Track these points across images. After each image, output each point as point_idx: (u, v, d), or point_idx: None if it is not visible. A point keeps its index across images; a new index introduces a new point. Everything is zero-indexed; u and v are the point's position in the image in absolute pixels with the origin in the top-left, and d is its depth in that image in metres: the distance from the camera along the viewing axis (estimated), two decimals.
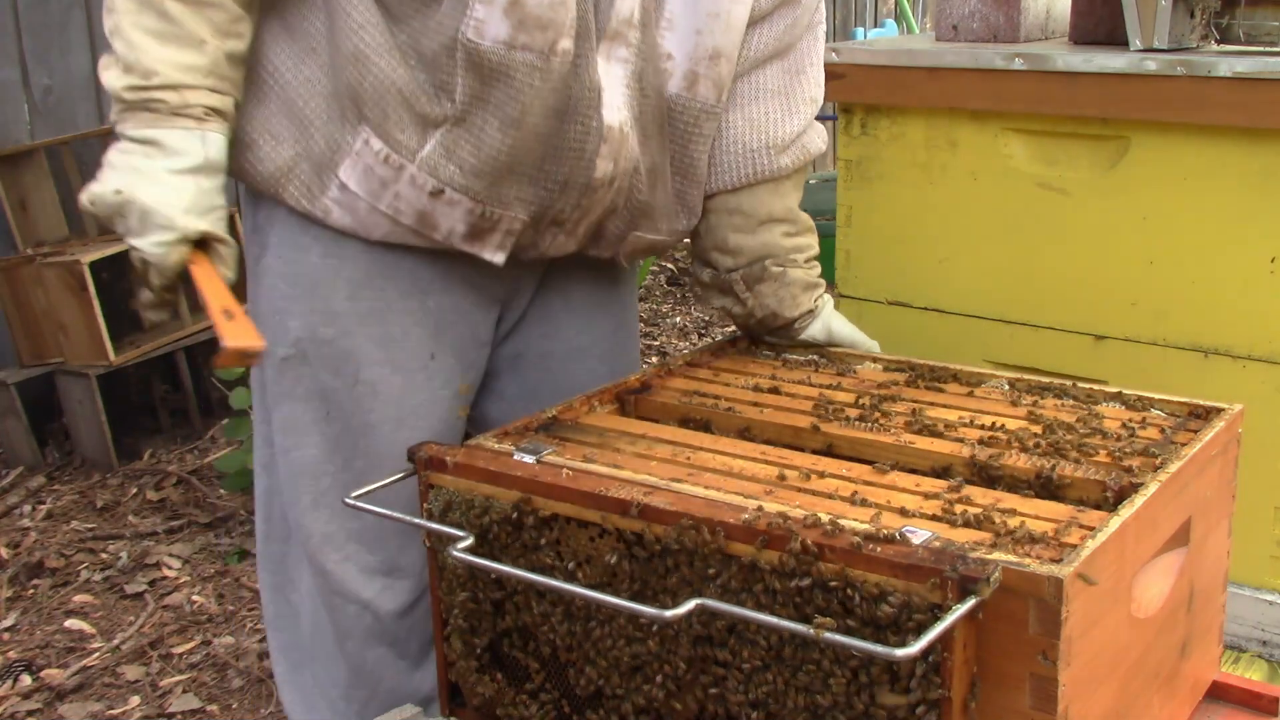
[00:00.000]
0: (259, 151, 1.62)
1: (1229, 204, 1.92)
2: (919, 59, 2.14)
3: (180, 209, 1.50)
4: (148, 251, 1.51)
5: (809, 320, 1.85)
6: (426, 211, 1.59)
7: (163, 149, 1.51)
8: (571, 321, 1.86)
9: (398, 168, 1.57)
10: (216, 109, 1.54)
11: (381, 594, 1.75)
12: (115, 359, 3.64)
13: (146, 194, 1.50)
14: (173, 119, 1.51)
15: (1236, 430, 1.51)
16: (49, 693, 2.52)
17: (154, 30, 1.50)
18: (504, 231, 1.63)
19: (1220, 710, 1.54)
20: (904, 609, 1.11)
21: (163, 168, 1.51)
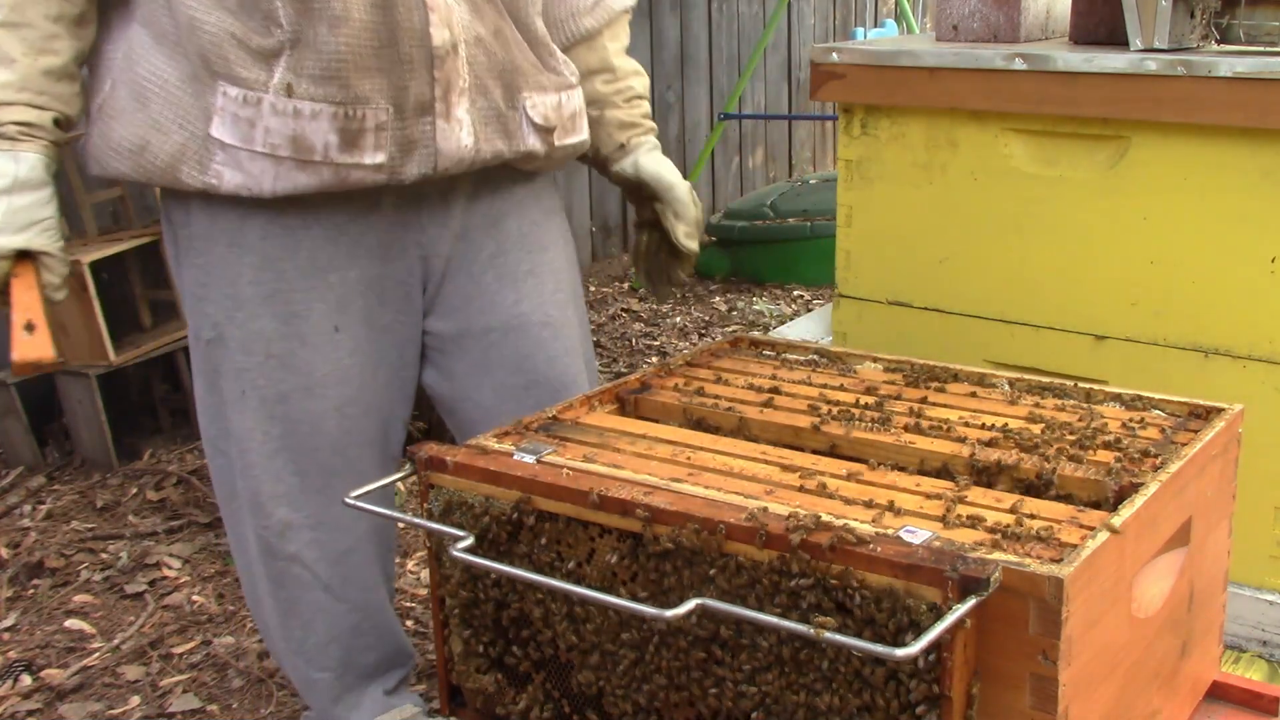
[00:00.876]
0: (152, 149, 1.70)
1: (1229, 204, 1.92)
2: (919, 59, 2.14)
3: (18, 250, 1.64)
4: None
5: (621, 155, 2.02)
6: (297, 135, 1.65)
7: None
8: (505, 293, 1.89)
9: (256, 103, 1.64)
10: (31, 123, 1.64)
11: (309, 546, 1.86)
12: (115, 359, 3.64)
13: None
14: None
15: (1236, 430, 1.51)
16: (49, 693, 2.52)
17: None
18: (374, 129, 1.67)
19: (1220, 710, 1.54)
20: (904, 609, 1.11)
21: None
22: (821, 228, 5.48)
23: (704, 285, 5.80)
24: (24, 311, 1.66)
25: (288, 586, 1.89)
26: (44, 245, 1.67)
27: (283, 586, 1.89)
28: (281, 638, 1.94)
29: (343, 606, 1.91)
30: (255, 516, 1.85)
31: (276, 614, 1.92)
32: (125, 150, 1.71)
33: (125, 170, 1.72)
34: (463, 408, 1.92)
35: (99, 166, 1.75)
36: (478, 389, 1.90)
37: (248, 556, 1.92)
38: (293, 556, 1.86)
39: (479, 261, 1.87)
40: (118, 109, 1.70)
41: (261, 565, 1.89)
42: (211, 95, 1.65)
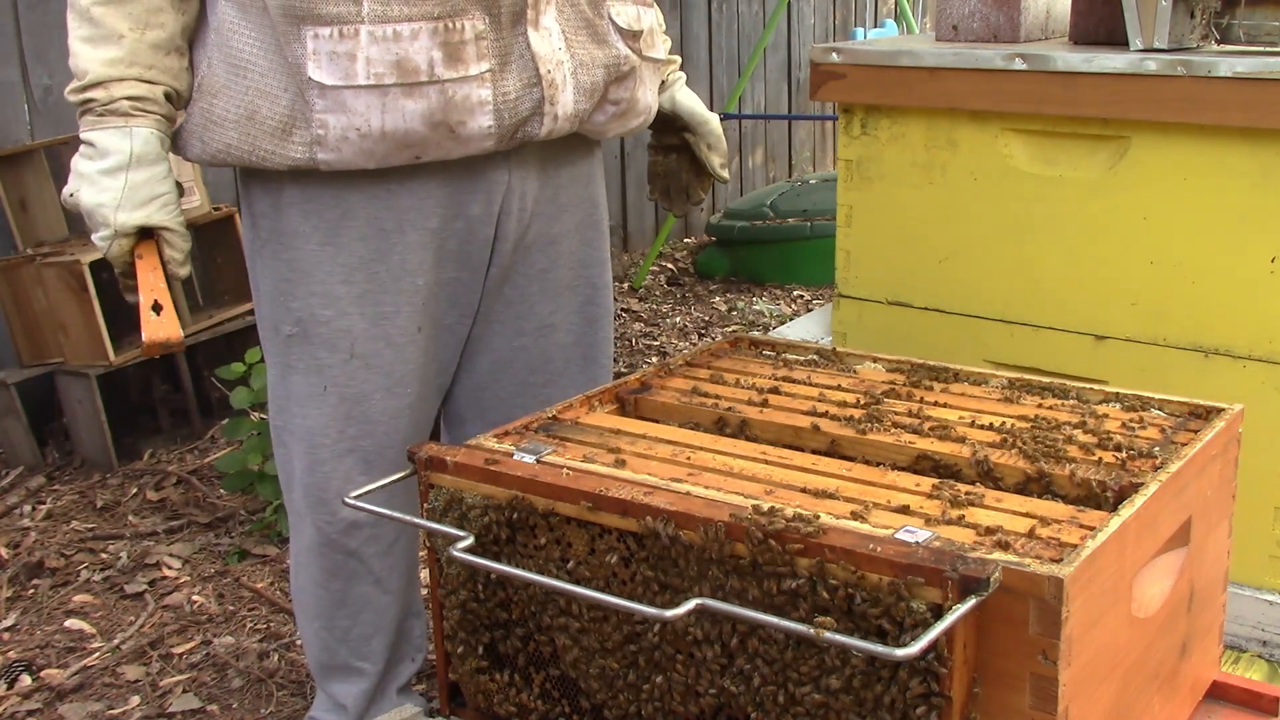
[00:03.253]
0: (261, 115, 1.68)
1: (1229, 204, 1.92)
2: (919, 59, 2.14)
3: (112, 207, 1.65)
4: (99, 246, 1.68)
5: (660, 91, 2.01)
6: (400, 58, 1.64)
7: (97, 150, 1.66)
8: (545, 304, 1.94)
9: (354, 35, 1.63)
10: (143, 97, 1.66)
11: (369, 543, 1.89)
12: (115, 359, 3.63)
13: (86, 197, 1.66)
14: (104, 119, 1.65)
15: (1236, 430, 1.51)
16: (49, 693, 2.52)
17: (86, 37, 1.64)
18: (474, 39, 1.67)
19: (1220, 710, 1.54)
20: (904, 609, 1.11)
21: (96, 170, 1.66)
22: (821, 228, 5.48)
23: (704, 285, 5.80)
24: (150, 292, 1.67)
25: (341, 578, 1.91)
26: (165, 220, 1.68)
27: (335, 578, 1.91)
28: (324, 626, 1.95)
29: (388, 598, 1.94)
30: (318, 511, 1.86)
31: (324, 603, 1.93)
32: (231, 120, 1.69)
33: (232, 140, 1.69)
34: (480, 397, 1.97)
35: (200, 145, 1.73)
36: (497, 382, 1.95)
37: (300, 543, 1.94)
38: (352, 552, 1.88)
39: (529, 274, 1.92)
40: (218, 85, 1.69)
41: (317, 556, 1.90)
42: (300, 44, 1.63)
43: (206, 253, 4.10)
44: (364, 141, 1.66)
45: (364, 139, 1.66)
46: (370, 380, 1.80)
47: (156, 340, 1.67)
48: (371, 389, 1.81)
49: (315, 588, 1.93)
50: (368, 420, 1.81)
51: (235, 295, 4.07)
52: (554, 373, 1.98)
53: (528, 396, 1.94)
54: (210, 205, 4.03)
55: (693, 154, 2.13)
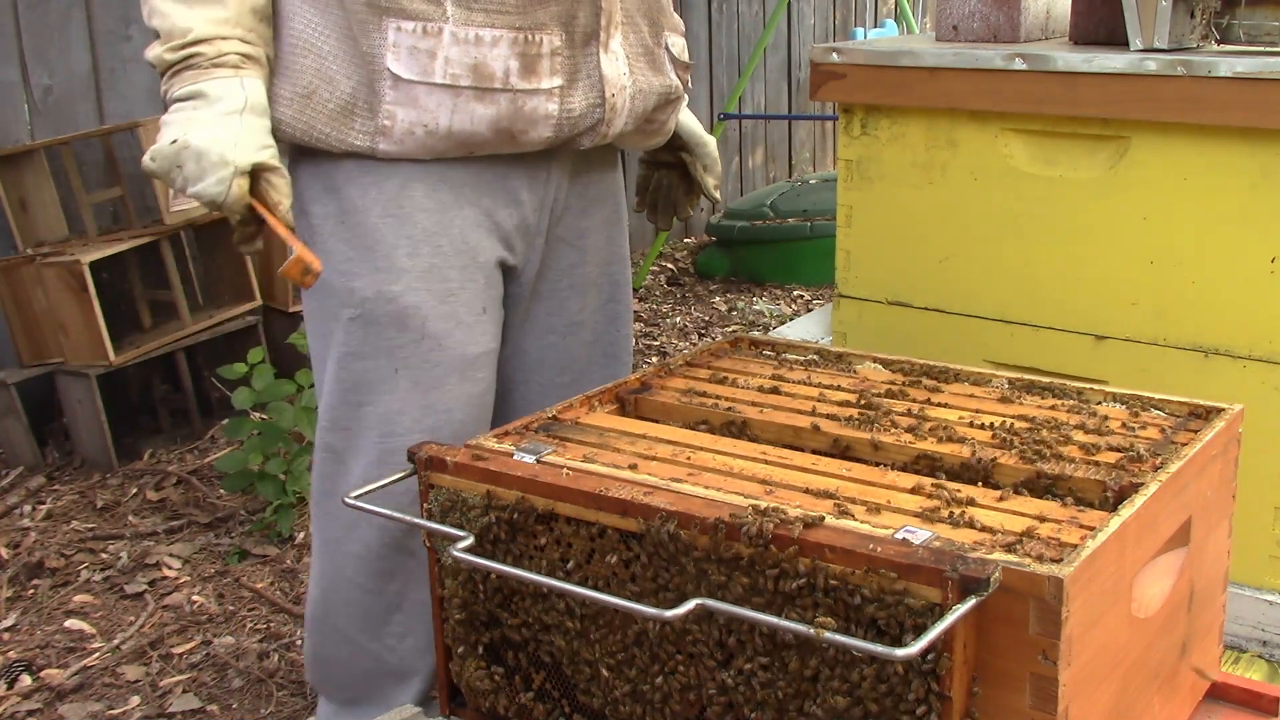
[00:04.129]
0: (320, 96, 1.69)
1: (1229, 204, 1.92)
2: (919, 59, 2.14)
3: (230, 144, 1.60)
4: (212, 192, 1.60)
5: None
6: (478, 62, 1.67)
7: (207, 98, 1.62)
8: (574, 298, 1.95)
9: (437, 34, 1.65)
10: (249, 56, 1.65)
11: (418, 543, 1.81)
12: (115, 359, 3.63)
13: (198, 137, 1.60)
14: (212, 70, 1.63)
15: (1236, 430, 1.51)
16: (49, 693, 2.52)
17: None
18: (549, 54, 1.71)
19: (1220, 710, 1.54)
20: (904, 609, 1.11)
21: (210, 114, 1.61)
22: (821, 228, 5.48)
23: (704, 285, 5.80)
24: (281, 227, 1.64)
25: (399, 579, 1.85)
26: (276, 163, 1.66)
27: (394, 580, 1.85)
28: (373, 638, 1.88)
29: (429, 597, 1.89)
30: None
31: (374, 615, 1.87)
32: (287, 97, 1.69)
33: (287, 115, 1.69)
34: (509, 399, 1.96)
35: None
36: (525, 383, 1.95)
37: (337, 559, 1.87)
38: (413, 551, 1.84)
39: (560, 270, 1.93)
40: (277, 66, 1.70)
41: (372, 563, 1.84)
42: (380, 34, 1.65)
43: (206, 253, 4.10)
44: (429, 138, 1.69)
45: (429, 135, 1.68)
46: (444, 363, 1.77)
47: (308, 260, 1.61)
48: (446, 373, 1.77)
49: (364, 598, 1.86)
50: (445, 409, 1.77)
51: (235, 295, 4.07)
52: (579, 371, 1.98)
53: (554, 397, 1.92)
54: None
55: (685, 171, 2.14)
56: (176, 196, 3.85)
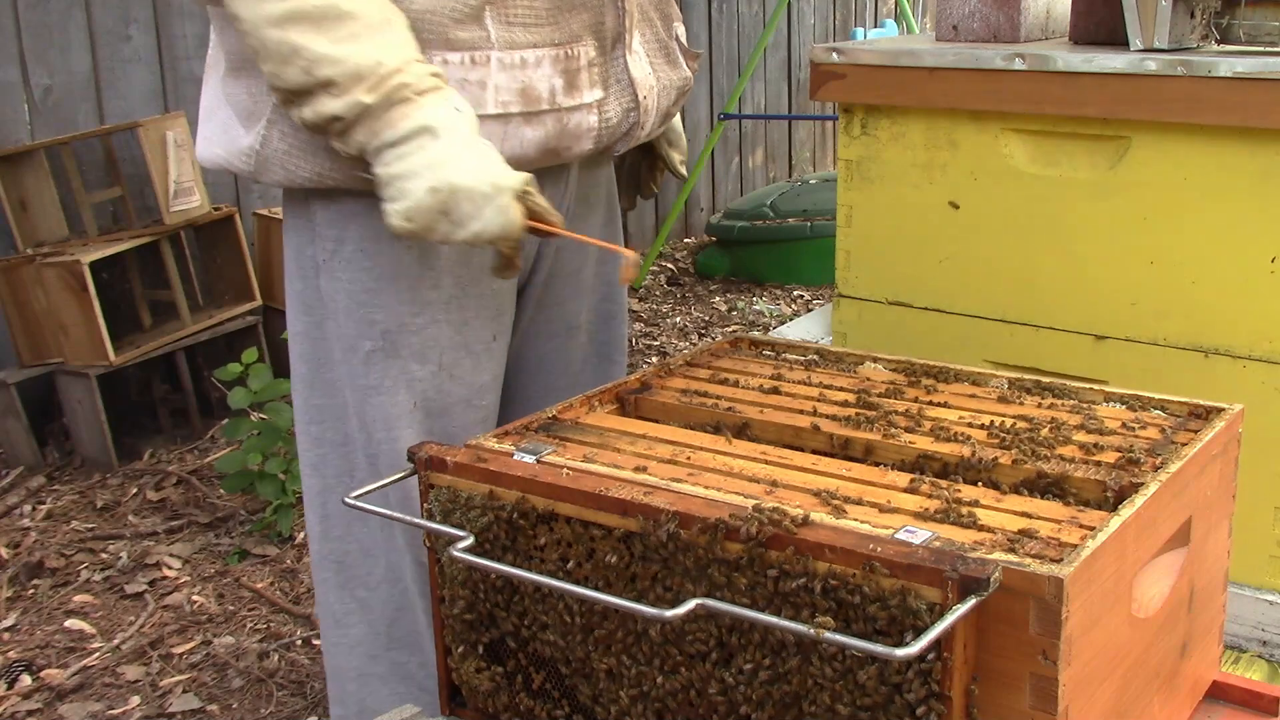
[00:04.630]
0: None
1: (1229, 204, 1.92)
2: (919, 59, 2.14)
3: (491, 170, 1.49)
4: (494, 227, 1.49)
5: None
6: (525, 86, 1.61)
7: (435, 130, 1.48)
8: (573, 301, 1.94)
9: (485, 62, 1.58)
10: (437, 74, 1.53)
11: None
12: (115, 359, 3.64)
13: (459, 175, 1.47)
14: (422, 100, 1.48)
15: (1236, 430, 1.51)
16: (49, 693, 2.52)
17: (347, 35, 1.46)
18: (587, 66, 1.67)
19: (1220, 710, 1.54)
20: (904, 609, 1.11)
21: (452, 147, 1.47)
22: (821, 228, 5.48)
23: (704, 285, 5.80)
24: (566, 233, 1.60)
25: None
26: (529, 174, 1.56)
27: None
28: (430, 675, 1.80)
29: None
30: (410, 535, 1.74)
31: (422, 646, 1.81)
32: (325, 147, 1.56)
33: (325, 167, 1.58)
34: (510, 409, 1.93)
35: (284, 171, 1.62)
36: (524, 387, 1.93)
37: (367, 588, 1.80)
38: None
39: (564, 275, 1.91)
40: None
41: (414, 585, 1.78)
42: None
43: (206, 252, 4.11)
44: None
45: None
46: (453, 392, 1.72)
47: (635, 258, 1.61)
48: (453, 401, 1.73)
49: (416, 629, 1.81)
50: (448, 435, 1.72)
51: (235, 295, 4.08)
52: (575, 374, 1.96)
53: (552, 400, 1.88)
54: (210, 205, 4.03)
55: (650, 148, 2.09)
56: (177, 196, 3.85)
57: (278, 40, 1.45)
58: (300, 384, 1.80)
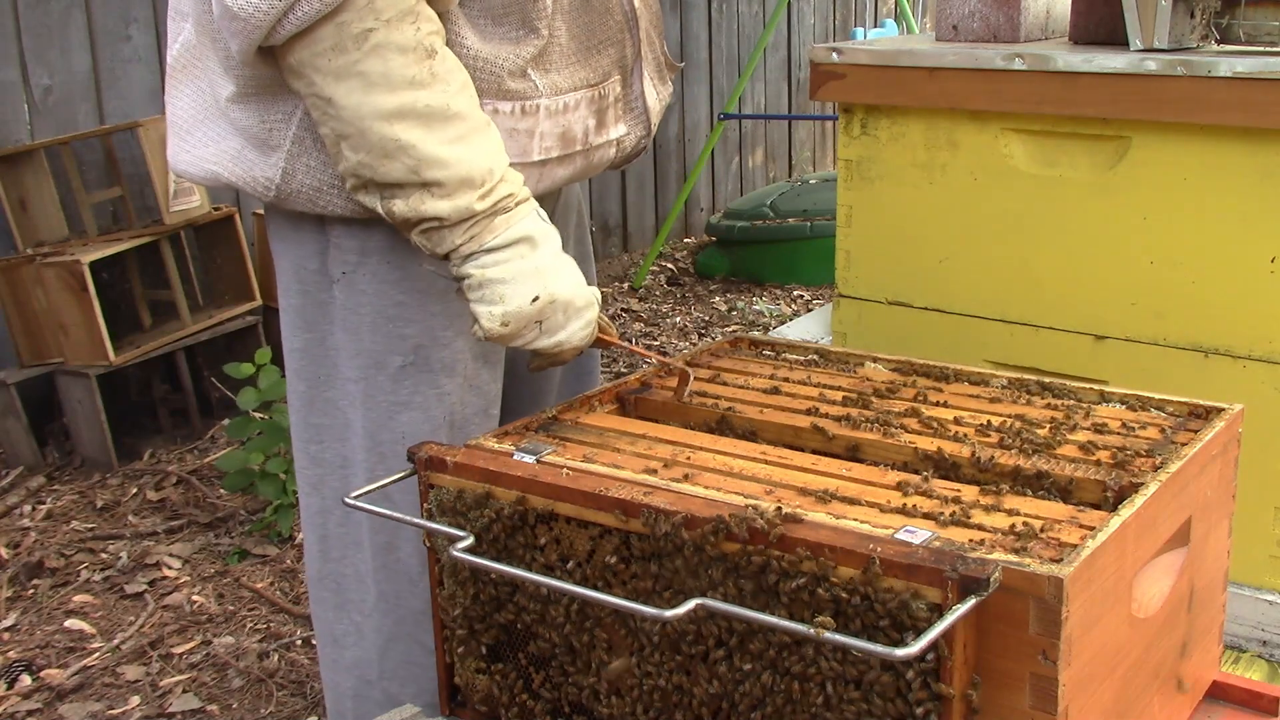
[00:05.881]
0: None
1: (1229, 204, 1.92)
2: (919, 59, 2.14)
3: (583, 285, 1.53)
4: (579, 338, 1.53)
5: None
6: (565, 130, 1.62)
7: (533, 240, 1.49)
8: None
9: (534, 111, 1.59)
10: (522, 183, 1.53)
11: None
12: (115, 359, 3.64)
13: (559, 287, 1.49)
14: (519, 207, 1.49)
15: (1236, 430, 1.51)
16: (49, 693, 2.52)
17: (456, 137, 1.45)
18: (614, 102, 1.69)
19: (1220, 710, 1.54)
20: (904, 609, 1.11)
21: (547, 258, 1.49)
22: (821, 228, 5.48)
23: (704, 285, 5.80)
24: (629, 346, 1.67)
25: None
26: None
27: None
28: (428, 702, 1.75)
29: None
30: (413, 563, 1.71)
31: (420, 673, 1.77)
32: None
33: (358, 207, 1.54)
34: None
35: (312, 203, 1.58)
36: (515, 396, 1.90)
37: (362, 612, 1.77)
38: None
39: None
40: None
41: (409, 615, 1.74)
42: None
43: (206, 252, 4.11)
44: None
45: None
46: (474, 404, 1.71)
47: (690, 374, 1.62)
48: (473, 413, 1.71)
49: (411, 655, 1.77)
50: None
51: (235, 295, 4.08)
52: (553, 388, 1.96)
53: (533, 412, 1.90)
54: (210, 205, 4.03)
55: None
56: (177, 196, 3.85)
57: (382, 134, 1.42)
58: (298, 401, 1.75)
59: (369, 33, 1.40)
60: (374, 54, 1.40)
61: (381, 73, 1.41)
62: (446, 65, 1.45)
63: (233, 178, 1.65)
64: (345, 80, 1.41)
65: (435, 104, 1.43)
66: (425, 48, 1.42)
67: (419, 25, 1.42)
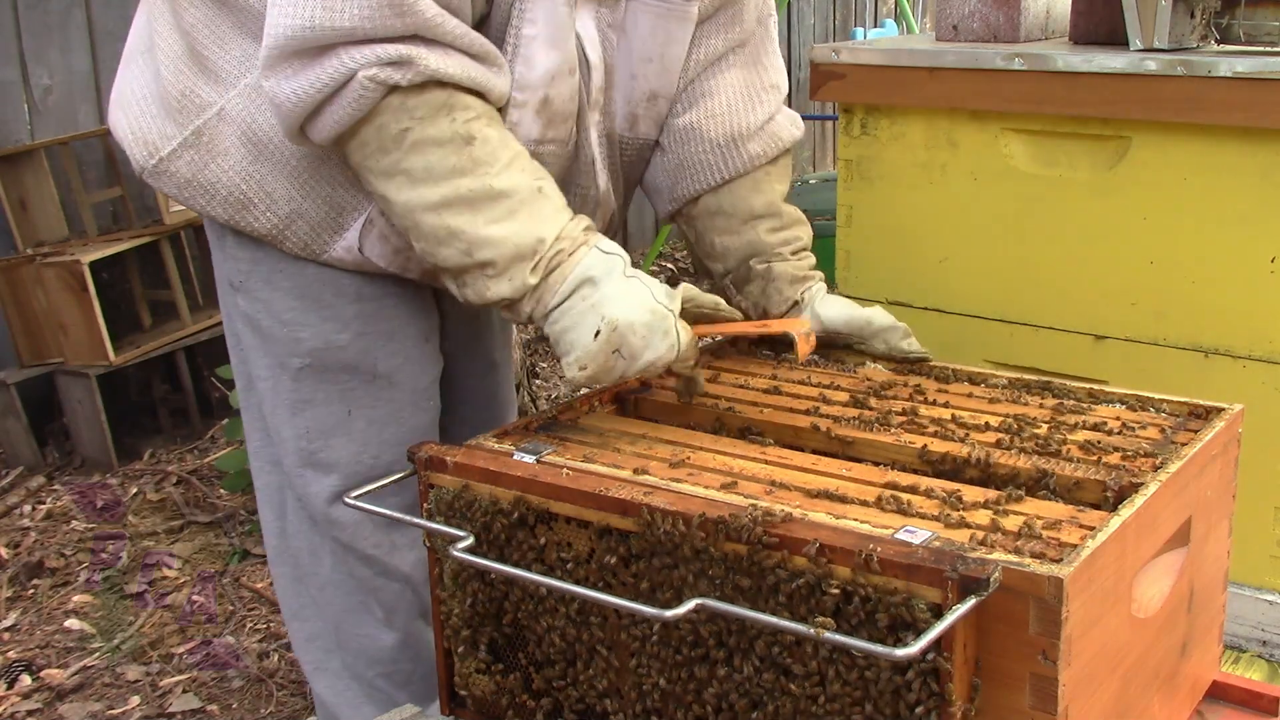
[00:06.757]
0: (255, 210, 1.64)
1: (1229, 204, 1.92)
2: (919, 59, 2.14)
3: (651, 298, 1.49)
4: (664, 350, 1.49)
5: (795, 313, 1.82)
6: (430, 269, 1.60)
7: (594, 280, 1.49)
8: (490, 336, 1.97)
9: None
10: (587, 225, 1.54)
11: (417, 567, 1.81)
12: (115, 359, 3.64)
13: (620, 312, 1.47)
14: (573, 255, 1.50)
15: (1236, 430, 1.51)
16: (49, 693, 2.52)
17: (505, 213, 1.47)
18: None
19: (1220, 710, 1.54)
20: (904, 609, 1.10)
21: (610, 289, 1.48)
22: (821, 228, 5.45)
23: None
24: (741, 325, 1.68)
25: (402, 613, 1.83)
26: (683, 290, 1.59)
27: (396, 613, 1.83)
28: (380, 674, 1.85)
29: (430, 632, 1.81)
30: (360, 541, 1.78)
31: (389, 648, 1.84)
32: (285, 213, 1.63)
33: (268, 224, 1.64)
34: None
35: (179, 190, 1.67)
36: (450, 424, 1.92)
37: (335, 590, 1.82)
38: (405, 578, 1.81)
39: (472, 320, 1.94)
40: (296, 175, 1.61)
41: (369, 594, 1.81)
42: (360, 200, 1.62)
43: (206, 252, 4.10)
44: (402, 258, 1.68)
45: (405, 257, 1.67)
46: (397, 399, 1.74)
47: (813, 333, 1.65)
48: (399, 408, 1.75)
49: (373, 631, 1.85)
50: (401, 443, 1.71)
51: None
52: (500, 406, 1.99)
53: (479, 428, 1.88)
54: None
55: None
56: None
57: (433, 224, 1.47)
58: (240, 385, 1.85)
59: (405, 132, 1.45)
60: (414, 151, 1.45)
61: (424, 168, 1.46)
62: (489, 148, 1.47)
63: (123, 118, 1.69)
64: (393, 179, 1.47)
65: (478, 187, 1.46)
66: (463, 136, 1.46)
67: (454, 116, 1.46)
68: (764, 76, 1.84)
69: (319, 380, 1.72)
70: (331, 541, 1.80)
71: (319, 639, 1.87)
